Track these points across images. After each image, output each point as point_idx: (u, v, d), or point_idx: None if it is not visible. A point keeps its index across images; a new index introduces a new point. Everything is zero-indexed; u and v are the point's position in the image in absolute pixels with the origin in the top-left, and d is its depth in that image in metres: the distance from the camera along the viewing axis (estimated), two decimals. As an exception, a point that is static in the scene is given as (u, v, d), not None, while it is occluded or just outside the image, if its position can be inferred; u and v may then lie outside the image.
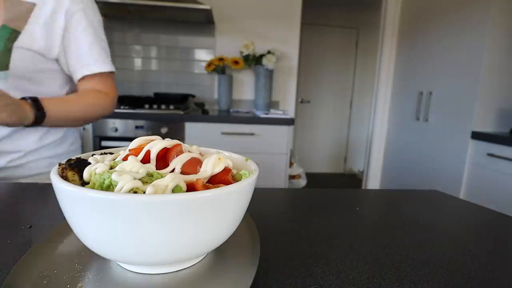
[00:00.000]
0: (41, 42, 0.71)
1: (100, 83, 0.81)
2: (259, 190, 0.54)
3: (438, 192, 0.63)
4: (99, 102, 0.80)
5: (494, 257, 0.36)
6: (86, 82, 0.79)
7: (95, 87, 0.80)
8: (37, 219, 0.40)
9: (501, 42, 1.74)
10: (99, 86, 0.81)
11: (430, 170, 2.14)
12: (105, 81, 0.82)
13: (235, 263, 0.30)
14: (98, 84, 0.80)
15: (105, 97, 0.81)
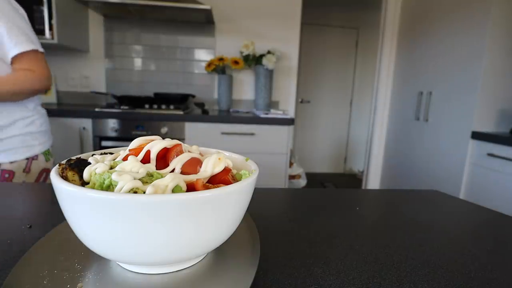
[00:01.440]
0: None
1: (28, 63, 0.94)
2: (259, 190, 0.54)
3: (438, 192, 0.63)
4: (25, 78, 0.93)
5: (494, 257, 0.36)
6: (15, 64, 0.93)
7: (22, 66, 0.93)
8: (37, 219, 0.40)
9: (501, 42, 1.74)
10: (27, 65, 0.94)
11: (430, 170, 2.13)
12: (31, 60, 0.95)
13: (235, 263, 0.30)
14: (26, 64, 0.94)
15: (31, 74, 0.94)
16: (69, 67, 2.27)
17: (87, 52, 2.26)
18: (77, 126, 1.78)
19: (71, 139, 1.78)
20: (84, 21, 2.19)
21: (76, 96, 2.30)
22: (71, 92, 2.30)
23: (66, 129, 1.79)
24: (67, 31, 1.96)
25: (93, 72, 2.30)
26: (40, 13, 1.82)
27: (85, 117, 1.77)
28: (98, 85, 2.31)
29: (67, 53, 2.23)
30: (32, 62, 0.94)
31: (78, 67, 2.28)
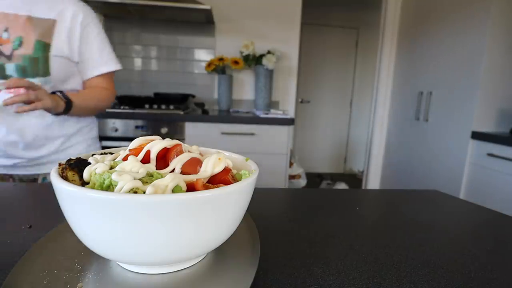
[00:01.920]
0: (66, 50, 0.87)
1: (104, 81, 0.98)
2: (259, 190, 0.54)
3: (438, 192, 0.63)
4: (105, 97, 0.97)
5: (494, 257, 0.36)
6: (93, 80, 0.96)
7: (99, 84, 0.97)
8: (37, 219, 0.40)
9: (501, 42, 1.74)
10: (105, 84, 0.98)
11: (430, 170, 2.13)
12: (107, 79, 0.99)
13: (235, 263, 0.30)
14: (103, 82, 0.98)
15: (107, 92, 0.99)
16: (69, 67, 2.27)
17: (87, 52, 2.26)
18: (77, 126, 1.78)
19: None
20: (84, 21, 2.19)
21: (76, 96, 2.30)
22: (71, 92, 2.30)
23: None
24: (67, 31, 1.96)
25: (93, 72, 2.29)
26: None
27: (85, 117, 1.77)
28: (98, 85, 2.30)
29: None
30: (109, 81, 1.00)
31: (78, 67, 2.28)
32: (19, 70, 0.83)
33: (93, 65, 0.94)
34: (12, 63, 0.81)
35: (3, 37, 0.81)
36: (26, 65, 0.82)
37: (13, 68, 0.82)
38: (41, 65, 0.84)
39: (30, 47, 0.83)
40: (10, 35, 0.82)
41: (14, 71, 0.83)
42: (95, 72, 0.94)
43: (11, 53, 0.82)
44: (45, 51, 0.84)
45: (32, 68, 0.83)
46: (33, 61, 0.83)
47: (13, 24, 0.82)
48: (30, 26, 0.83)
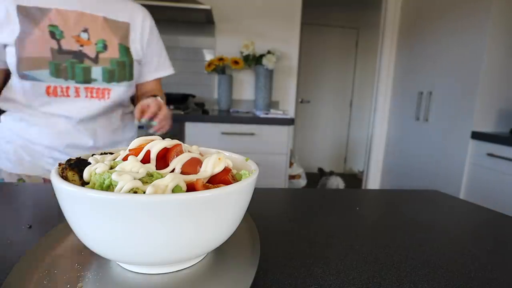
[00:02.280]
0: (140, 53, 0.87)
1: (158, 85, 0.98)
2: (259, 190, 0.54)
3: (438, 192, 0.63)
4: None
5: (494, 257, 0.36)
6: (149, 84, 0.95)
7: (155, 88, 0.96)
8: (37, 219, 0.40)
9: (501, 42, 1.74)
10: (158, 87, 0.98)
11: (430, 170, 2.13)
12: (160, 84, 0.99)
13: (235, 263, 0.30)
14: (157, 86, 0.98)
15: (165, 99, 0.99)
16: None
17: (87, 52, 2.26)
18: (77, 126, 1.78)
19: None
20: (84, 21, 2.19)
21: (76, 96, 2.30)
22: (71, 92, 2.30)
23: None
24: (67, 31, 1.96)
25: (93, 72, 2.30)
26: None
27: (85, 117, 1.77)
28: (98, 85, 2.31)
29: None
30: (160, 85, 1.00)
31: (78, 67, 2.28)
32: (106, 74, 0.80)
33: (152, 69, 0.93)
34: (98, 66, 0.78)
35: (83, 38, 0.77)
36: (114, 69, 0.80)
37: (100, 71, 0.79)
38: (128, 69, 0.83)
39: (115, 51, 0.80)
40: (91, 36, 0.78)
41: (100, 74, 0.79)
42: (153, 75, 0.94)
43: (96, 56, 0.78)
44: (128, 55, 0.83)
45: (119, 72, 0.81)
46: (120, 65, 0.81)
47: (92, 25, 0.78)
48: (108, 28, 0.80)
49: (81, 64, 0.76)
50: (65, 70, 0.75)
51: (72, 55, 0.75)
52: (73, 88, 0.78)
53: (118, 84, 0.82)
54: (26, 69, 0.73)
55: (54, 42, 0.74)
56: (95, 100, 0.81)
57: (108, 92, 0.82)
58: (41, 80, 0.74)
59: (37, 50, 0.72)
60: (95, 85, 0.80)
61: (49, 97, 0.77)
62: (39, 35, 0.72)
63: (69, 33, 0.75)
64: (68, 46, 0.75)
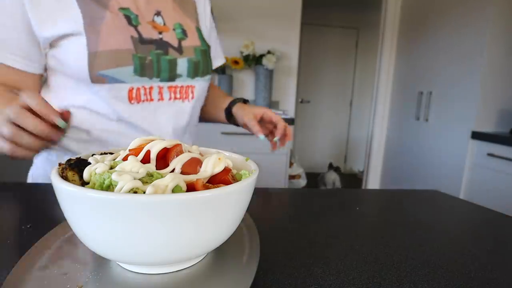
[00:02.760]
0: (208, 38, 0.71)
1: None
2: (259, 190, 0.54)
3: (438, 192, 0.63)
4: None
5: (494, 257, 0.36)
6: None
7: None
8: (37, 219, 0.40)
9: (501, 42, 1.74)
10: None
11: (430, 170, 2.13)
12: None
13: (235, 263, 0.30)
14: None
15: None
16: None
17: (87, 52, 2.26)
18: (77, 126, 1.78)
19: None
20: (84, 21, 2.19)
21: (76, 96, 2.30)
22: (71, 92, 2.30)
23: None
24: (67, 31, 1.95)
25: (93, 72, 2.29)
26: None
27: (85, 117, 1.77)
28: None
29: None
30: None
31: (78, 67, 2.28)
32: (191, 67, 0.63)
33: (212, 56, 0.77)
34: (184, 57, 0.62)
35: (158, 23, 0.61)
36: (199, 60, 0.64)
37: (185, 64, 0.62)
38: (209, 58, 0.67)
39: (195, 37, 0.64)
40: (166, 20, 0.62)
41: (185, 68, 0.63)
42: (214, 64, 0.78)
43: (179, 45, 0.62)
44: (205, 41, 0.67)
45: (204, 63, 0.65)
46: (204, 54, 0.65)
47: (163, 6, 0.62)
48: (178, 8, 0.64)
49: (166, 56, 0.60)
50: (150, 65, 0.59)
51: (154, 45, 0.59)
52: (157, 88, 0.61)
53: (203, 78, 0.67)
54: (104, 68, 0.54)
55: (132, 28, 0.57)
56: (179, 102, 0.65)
57: (192, 90, 0.66)
58: (123, 81, 0.57)
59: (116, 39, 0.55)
60: (178, 83, 0.64)
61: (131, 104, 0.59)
62: (113, 19, 0.55)
63: (143, 17, 0.59)
64: (147, 33, 0.59)
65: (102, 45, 0.53)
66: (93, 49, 0.53)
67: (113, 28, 0.54)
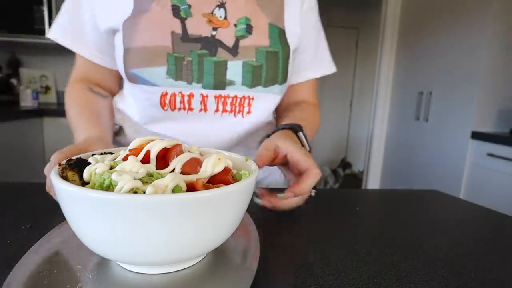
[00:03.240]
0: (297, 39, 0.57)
1: (312, 90, 0.65)
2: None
3: (438, 192, 0.63)
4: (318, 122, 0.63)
5: (494, 257, 0.36)
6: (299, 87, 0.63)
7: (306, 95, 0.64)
8: (37, 219, 0.40)
9: (501, 42, 1.74)
10: (311, 94, 0.65)
11: (430, 170, 2.13)
12: (315, 87, 0.66)
13: (235, 263, 0.30)
14: (310, 92, 0.65)
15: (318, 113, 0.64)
16: (69, 67, 2.27)
17: (87, 52, 2.26)
18: (77, 126, 1.78)
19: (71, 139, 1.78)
20: (84, 21, 2.19)
21: (76, 96, 2.30)
22: (71, 92, 2.30)
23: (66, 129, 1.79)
24: (67, 31, 1.95)
25: (93, 72, 2.29)
26: (40, 13, 1.83)
27: (85, 117, 1.77)
28: (98, 85, 2.30)
29: (67, 53, 2.23)
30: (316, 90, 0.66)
31: (78, 67, 2.28)
32: (249, 72, 0.51)
33: (305, 65, 0.62)
34: (238, 60, 0.51)
35: (217, 16, 0.51)
36: (262, 65, 0.51)
37: (239, 69, 0.51)
38: (282, 64, 0.53)
39: (264, 35, 0.52)
40: (228, 14, 0.51)
41: (240, 74, 0.51)
42: (307, 74, 0.62)
43: (236, 44, 0.51)
44: (283, 42, 0.53)
45: (269, 69, 0.52)
46: (271, 58, 0.52)
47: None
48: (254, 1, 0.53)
49: (212, 57, 0.50)
50: (189, 68, 0.49)
51: (201, 44, 0.50)
52: (199, 96, 0.51)
53: (266, 89, 0.53)
54: (135, 66, 0.49)
55: (177, 22, 0.49)
56: (228, 117, 0.54)
57: (250, 102, 0.53)
58: (155, 84, 0.50)
59: (153, 35, 0.49)
60: (230, 92, 0.52)
61: (164, 111, 0.52)
62: (157, 12, 0.49)
63: (199, 9, 0.50)
64: (195, 29, 0.50)
65: (136, 41, 0.48)
66: (127, 45, 0.49)
67: (153, 21, 0.48)
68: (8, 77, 2.13)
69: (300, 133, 0.47)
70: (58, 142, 1.81)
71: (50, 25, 1.82)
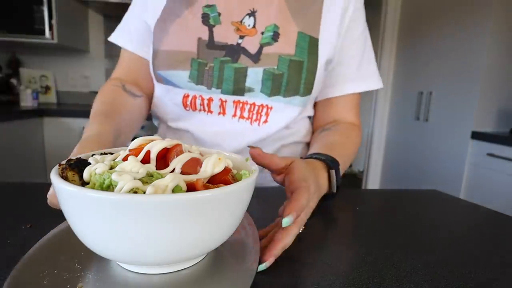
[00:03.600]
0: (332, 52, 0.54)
1: (353, 108, 0.60)
2: (259, 190, 0.54)
3: (438, 192, 0.63)
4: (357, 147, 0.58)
5: (494, 257, 0.36)
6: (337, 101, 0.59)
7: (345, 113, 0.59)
8: (37, 219, 0.40)
9: (501, 42, 1.74)
10: (351, 112, 0.60)
11: (430, 170, 2.13)
12: (356, 104, 0.60)
13: (235, 263, 0.30)
14: (351, 109, 0.60)
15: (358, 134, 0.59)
16: (69, 67, 2.27)
17: (87, 52, 2.26)
18: (77, 126, 1.78)
19: (71, 139, 1.78)
20: (84, 21, 2.19)
21: (76, 96, 2.30)
22: (71, 92, 2.30)
23: (66, 129, 1.80)
24: (67, 31, 1.96)
25: (93, 72, 2.30)
26: (40, 13, 1.82)
27: (85, 117, 1.77)
28: (98, 85, 2.31)
29: (67, 53, 2.23)
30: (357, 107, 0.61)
31: (78, 67, 2.28)
32: (268, 80, 0.50)
33: (344, 78, 0.58)
34: (258, 67, 0.50)
35: (246, 24, 0.51)
36: (283, 74, 0.50)
37: (259, 76, 0.51)
38: (306, 74, 0.51)
39: (291, 43, 0.50)
40: (257, 22, 0.51)
41: (259, 81, 0.51)
42: (345, 88, 0.58)
43: (259, 51, 0.51)
44: (312, 52, 0.51)
45: (290, 79, 0.50)
46: (294, 67, 0.50)
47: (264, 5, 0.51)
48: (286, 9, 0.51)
49: (234, 63, 0.51)
50: (210, 74, 0.51)
51: (225, 51, 0.51)
52: (218, 101, 0.53)
53: (285, 100, 0.52)
54: (161, 68, 0.52)
55: (205, 30, 0.51)
56: (244, 124, 0.54)
57: (267, 112, 0.53)
58: (178, 86, 0.53)
59: (180, 40, 0.51)
60: (249, 99, 0.53)
61: (186, 111, 0.56)
62: (188, 19, 0.51)
63: (228, 16, 0.51)
64: (222, 36, 0.51)
65: (164, 44, 0.51)
66: (156, 47, 0.52)
67: (183, 28, 0.51)
68: (8, 77, 2.13)
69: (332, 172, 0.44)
70: (58, 142, 1.82)
71: (50, 25, 1.83)
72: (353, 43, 0.57)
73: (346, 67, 0.58)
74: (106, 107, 0.53)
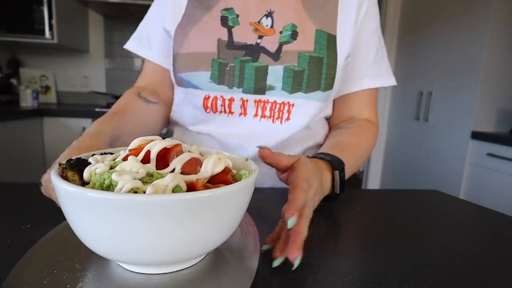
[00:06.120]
0: (349, 48, 0.55)
1: (369, 104, 0.62)
2: (259, 190, 0.54)
3: (438, 192, 0.63)
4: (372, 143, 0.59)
5: (494, 257, 0.36)
6: (353, 98, 0.60)
7: (361, 109, 0.61)
8: (37, 219, 0.40)
9: (501, 42, 1.74)
10: (368, 109, 0.61)
11: (430, 170, 2.13)
12: (373, 101, 0.62)
13: (235, 263, 0.30)
14: (367, 106, 0.61)
15: (375, 132, 0.60)
16: (69, 67, 2.27)
17: (87, 52, 2.26)
18: (77, 126, 1.78)
19: (71, 139, 1.78)
20: (84, 21, 2.19)
21: (76, 96, 2.30)
22: (71, 92, 2.30)
23: (66, 129, 1.80)
24: (67, 31, 1.96)
25: (93, 72, 2.30)
26: (40, 13, 1.82)
27: (85, 117, 1.77)
28: (98, 85, 2.31)
29: (67, 53, 2.23)
30: (375, 104, 0.62)
31: (78, 67, 2.28)
32: (289, 78, 0.51)
33: (359, 73, 0.59)
34: (279, 65, 0.51)
35: (263, 25, 0.52)
36: (303, 70, 0.51)
37: (280, 73, 0.51)
38: (327, 70, 0.52)
39: (310, 40, 0.51)
40: (275, 22, 0.52)
41: (280, 79, 0.51)
42: (361, 83, 0.59)
43: (279, 49, 0.51)
44: (330, 48, 0.52)
45: (311, 75, 0.51)
46: (315, 63, 0.51)
47: (281, 5, 0.52)
48: (302, 8, 0.53)
49: (254, 63, 0.51)
50: (231, 73, 0.51)
51: (245, 51, 0.52)
52: (239, 101, 0.53)
53: (306, 96, 0.52)
54: (182, 71, 0.53)
55: (224, 31, 0.52)
56: (266, 122, 0.54)
57: (289, 109, 0.53)
58: (199, 87, 0.53)
59: (200, 42, 0.52)
60: (270, 97, 0.53)
61: (206, 113, 0.55)
62: (207, 22, 0.52)
63: (246, 17, 0.53)
64: (242, 37, 0.52)
65: (185, 47, 0.52)
66: (176, 51, 0.53)
67: (203, 31, 0.52)
68: (8, 77, 2.13)
69: (336, 173, 0.44)
70: (58, 142, 1.82)
71: (50, 25, 1.83)
72: (368, 39, 0.58)
73: (361, 63, 0.58)
74: (112, 110, 0.56)
